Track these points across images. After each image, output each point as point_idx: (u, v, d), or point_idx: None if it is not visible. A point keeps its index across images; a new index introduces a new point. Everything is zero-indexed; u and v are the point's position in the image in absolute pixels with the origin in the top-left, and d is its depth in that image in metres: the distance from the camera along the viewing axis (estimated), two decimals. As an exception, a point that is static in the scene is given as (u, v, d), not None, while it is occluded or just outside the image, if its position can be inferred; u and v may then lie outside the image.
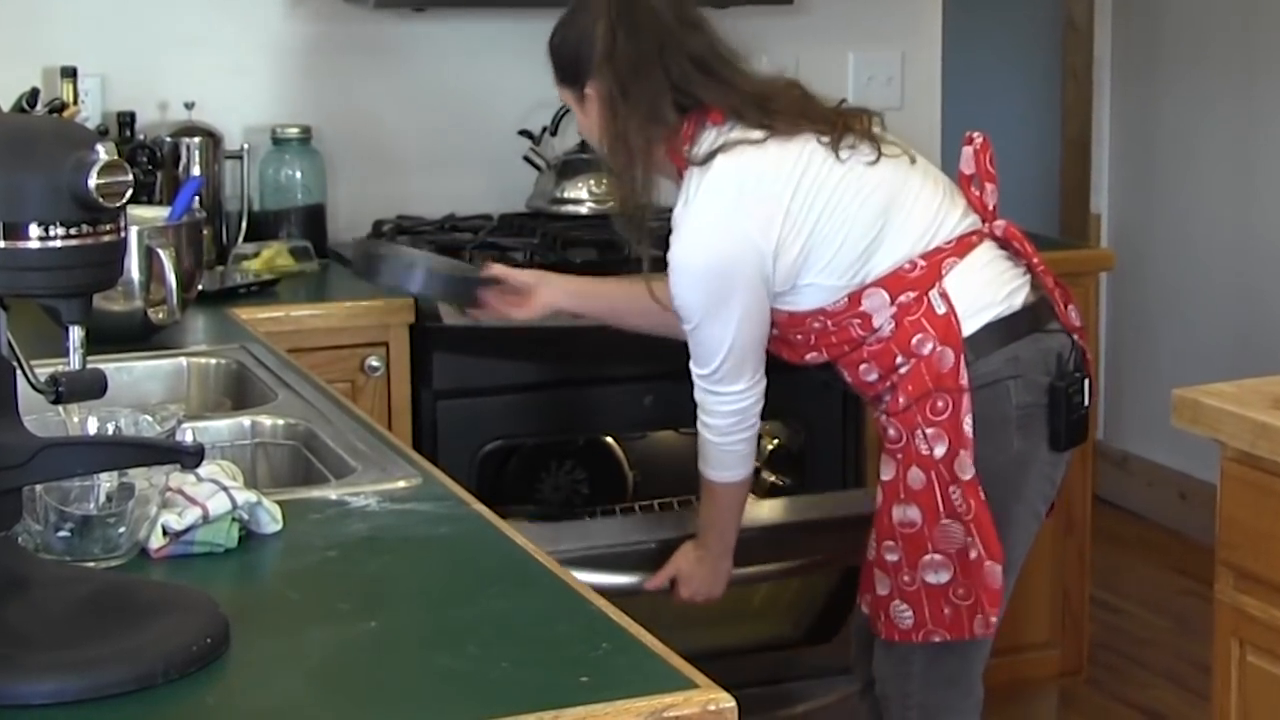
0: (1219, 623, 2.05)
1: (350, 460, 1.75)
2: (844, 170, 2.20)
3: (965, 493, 2.15)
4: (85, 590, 1.31)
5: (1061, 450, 2.23)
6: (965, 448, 2.14)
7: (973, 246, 2.22)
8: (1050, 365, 2.21)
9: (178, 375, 2.19)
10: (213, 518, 1.48)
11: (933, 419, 2.15)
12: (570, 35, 2.28)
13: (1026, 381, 2.19)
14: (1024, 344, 2.20)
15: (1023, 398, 2.19)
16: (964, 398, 2.15)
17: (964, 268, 2.20)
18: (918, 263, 2.19)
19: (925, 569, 2.19)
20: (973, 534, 2.16)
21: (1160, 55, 4.36)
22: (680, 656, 1.27)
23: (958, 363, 2.16)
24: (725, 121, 2.21)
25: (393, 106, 3.14)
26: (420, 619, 1.37)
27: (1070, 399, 2.20)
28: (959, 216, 2.25)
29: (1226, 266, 4.16)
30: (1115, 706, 3.39)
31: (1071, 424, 2.21)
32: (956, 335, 2.17)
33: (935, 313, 2.18)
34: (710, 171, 2.18)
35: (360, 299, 2.68)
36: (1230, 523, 2.02)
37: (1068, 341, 2.23)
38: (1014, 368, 2.19)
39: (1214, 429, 2.00)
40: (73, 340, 1.30)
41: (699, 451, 2.30)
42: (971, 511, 2.15)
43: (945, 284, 2.19)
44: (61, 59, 2.85)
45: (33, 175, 1.23)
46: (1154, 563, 4.10)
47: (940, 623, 2.20)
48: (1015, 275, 2.25)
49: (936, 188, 2.26)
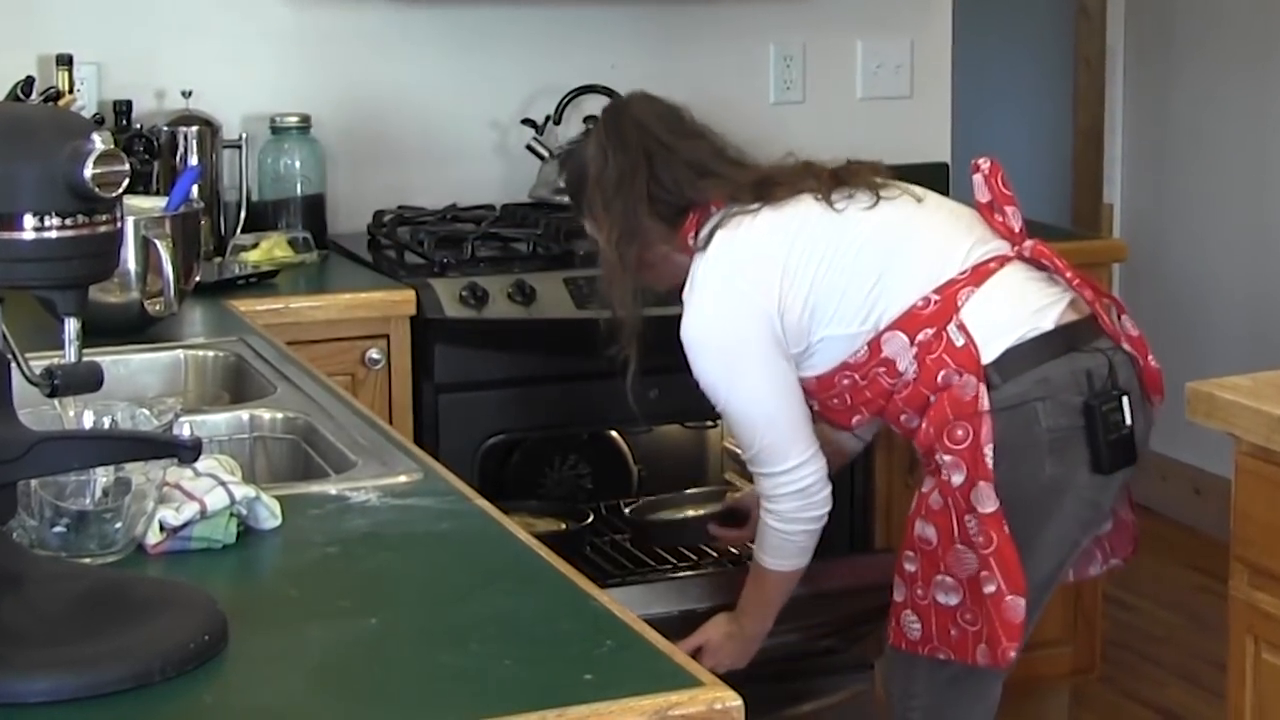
0: (1233, 619, 2.04)
1: (350, 455, 1.74)
2: (840, 220, 2.21)
3: (983, 525, 2.10)
4: (81, 587, 1.30)
5: (1106, 473, 2.15)
6: (984, 479, 2.09)
7: (991, 273, 2.18)
8: (1083, 384, 2.15)
9: (175, 368, 2.18)
10: (210, 513, 1.47)
11: (951, 447, 2.12)
12: (571, 165, 2.39)
13: (1057, 403, 2.13)
14: (1055, 364, 2.14)
15: (1055, 420, 2.13)
16: (984, 425, 2.10)
17: (982, 296, 2.16)
18: (931, 298, 2.17)
19: (937, 588, 2.16)
20: (991, 568, 2.11)
21: (1174, 43, 4.34)
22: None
23: (978, 390, 2.11)
24: (725, 205, 2.24)
25: (394, 95, 3.13)
26: (422, 616, 1.36)
27: (1107, 418, 2.13)
28: (970, 246, 2.21)
29: (1241, 257, 4.14)
30: (1128, 705, 3.38)
31: (1112, 444, 2.14)
32: (976, 363, 2.13)
33: (954, 346, 2.14)
34: (709, 249, 2.22)
35: (360, 291, 2.67)
36: (1245, 518, 2.01)
37: (1104, 360, 2.16)
38: (1043, 389, 2.13)
39: (1228, 423, 1.99)
40: (68, 332, 1.29)
41: (757, 534, 2.28)
42: (993, 545, 2.10)
43: (962, 315, 2.15)
44: (57, 46, 2.83)
45: (28, 165, 1.22)
46: (1167, 559, 4.08)
47: (946, 641, 2.18)
48: (1046, 295, 2.20)
49: (948, 221, 2.24)
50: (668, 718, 1.17)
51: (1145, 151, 4.46)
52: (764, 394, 2.19)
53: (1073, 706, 3.26)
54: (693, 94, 2.51)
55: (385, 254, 2.88)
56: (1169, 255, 4.35)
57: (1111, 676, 3.40)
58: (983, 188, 2.25)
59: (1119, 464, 2.16)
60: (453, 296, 2.64)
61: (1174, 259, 4.35)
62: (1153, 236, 4.38)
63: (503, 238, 2.88)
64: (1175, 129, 4.34)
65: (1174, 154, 4.35)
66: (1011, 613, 2.11)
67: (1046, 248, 2.23)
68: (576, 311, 2.67)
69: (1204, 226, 4.25)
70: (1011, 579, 2.10)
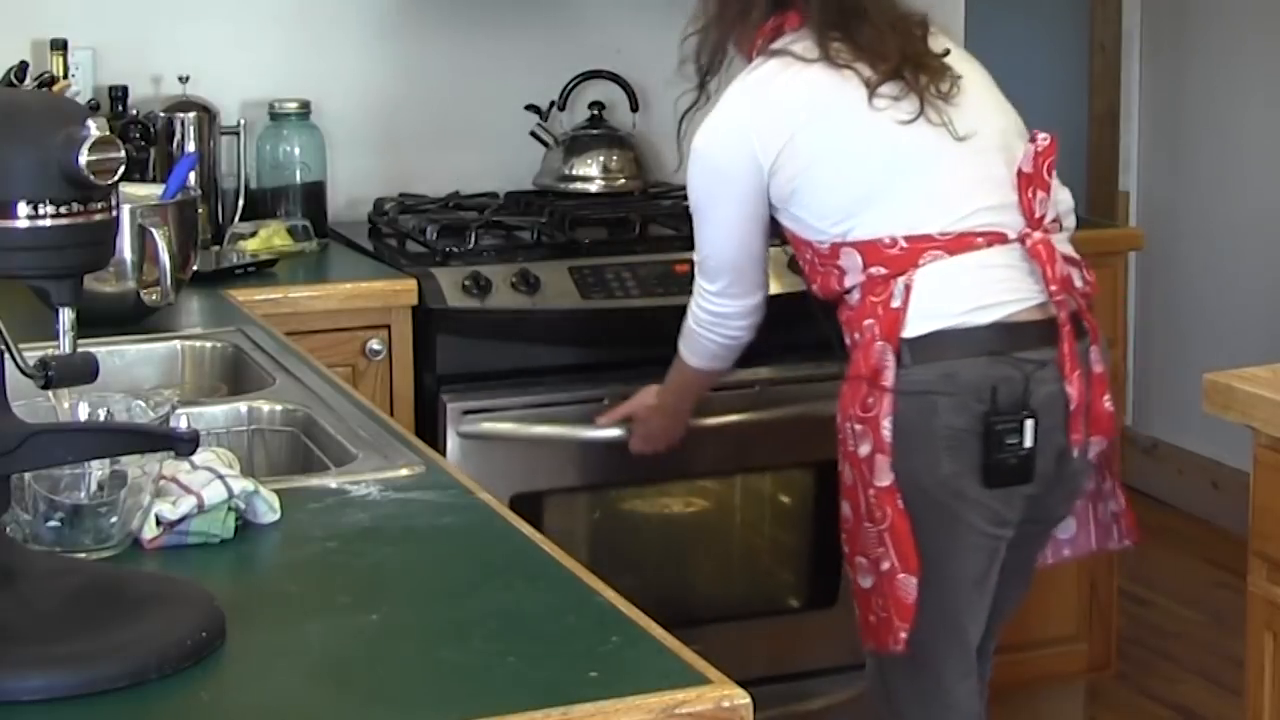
0: (1251, 615, 2.02)
1: (351, 447, 1.73)
2: (867, 121, 2.14)
3: (880, 499, 2.06)
4: (76, 582, 1.29)
5: (991, 488, 2.07)
6: (883, 452, 2.05)
7: (971, 247, 2.08)
8: (985, 395, 2.05)
9: (172, 359, 2.17)
10: (208, 507, 1.46)
11: (861, 415, 2.07)
12: None
13: (959, 403, 2.05)
14: (967, 364, 2.06)
15: (953, 419, 2.05)
16: (885, 400, 2.05)
17: (946, 266, 2.08)
18: (899, 241, 2.09)
19: (856, 570, 2.13)
20: (886, 544, 2.06)
21: (1190, 27, 4.32)
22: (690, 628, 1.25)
23: (889, 362, 2.06)
24: (798, 29, 2.20)
25: (394, 80, 3.11)
26: (423, 612, 1.35)
27: (1001, 437, 2.04)
28: (974, 210, 2.10)
29: (1260, 245, 4.11)
30: (1145, 702, 3.36)
31: (999, 463, 2.05)
32: (896, 333, 2.06)
33: (891, 302, 2.07)
34: (751, 76, 2.21)
35: (361, 280, 2.65)
36: (1264, 512, 2.00)
37: (1020, 376, 2.06)
38: (948, 385, 2.05)
39: (1247, 415, 1.98)
40: (63, 323, 1.28)
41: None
42: (887, 520, 2.05)
43: (916, 276, 2.07)
44: (51, 31, 2.82)
45: (21, 152, 1.21)
46: (1184, 553, 4.07)
47: (869, 631, 2.13)
48: (1012, 292, 2.09)
49: (971, 173, 2.14)
50: (675, 715, 1.16)
51: (1162, 138, 4.44)
52: (727, 226, 2.22)
53: (1088, 704, 3.25)
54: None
55: (386, 242, 2.87)
56: (1186, 243, 4.33)
57: (1127, 674, 3.39)
58: (1029, 160, 2.16)
59: (1008, 482, 2.07)
60: (455, 286, 2.63)
61: (1191, 247, 4.32)
62: (1169, 224, 4.36)
63: (506, 226, 2.86)
64: (1192, 114, 4.32)
65: (1191, 140, 4.33)
66: (903, 591, 2.05)
67: (1049, 249, 2.11)
68: (582, 301, 2.65)
69: (1222, 214, 4.23)
70: (905, 557, 2.05)
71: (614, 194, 3.05)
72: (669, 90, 2.41)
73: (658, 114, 3.18)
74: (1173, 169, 4.40)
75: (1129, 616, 3.60)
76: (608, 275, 2.69)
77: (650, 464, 2.56)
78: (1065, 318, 2.10)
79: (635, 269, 2.71)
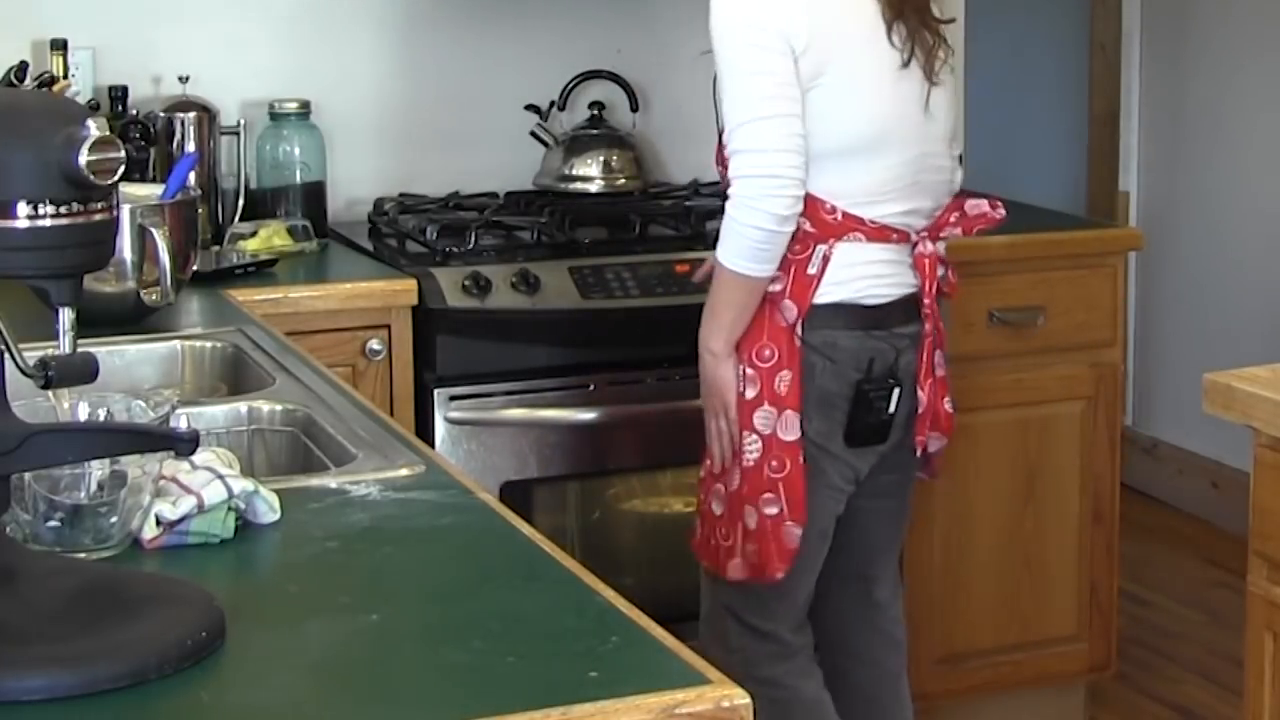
0: (1251, 616, 2.02)
1: (351, 447, 1.72)
2: (885, 52, 2.21)
3: (785, 451, 2.22)
4: (76, 582, 1.29)
5: (855, 447, 2.27)
6: (791, 408, 2.21)
7: (886, 240, 2.24)
8: (863, 364, 2.25)
9: (172, 359, 2.16)
10: (208, 507, 1.45)
11: (757, 364, 2.23)
12: None
13: (838, 370, 2.25)
14: (849, 335, 2.24)
15: (828, 384, 2.25)
16: (781, 356, 2.21)
17: (861, 249, 2.23)
18: (838, 211, 2.21)
19: (710, 495, 2.33)
20: (779, 492, 2.24)
21: (1191, 27, 4.31)
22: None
23: (793, 323, 2.22)
24: None
25: (395, 80, 3.10)
26: (423, 612, 1.35)
27: (873, 402, 2.26)
28: (904, 209, 2.25)
29: (1260, 246, 4.11)
30: (1145, 702, 3.36)
31: (869, 425, 2.27)
32: (806, 300, 2.21)
33: (808, 268, 2.21)
34: None
35: (361, 280, 2.65)
36: (1264, 512, 1.99)
37: (891, 349, 2.26)
38: (830, 352, 2.24)
39: (1247, 415, 1.98)
40: (63, 323, 1.27)
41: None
42: (785, 469, 2.23)
43: (836, 249, 2.21)
44: (51, 31, 2.82)
45: (21, 152, 1.21)
46: (1185, 553, 4.07)
47: (706, 551, 2.35)
48: (897, 283, 2.27)
49: (911, 169, 2.25)
50: (675, 716, 1.15)
51: (1162, 138, 4.43)
52: (759, 79, 2.15)
53: (1088, 704, 3.24)
54: (700, 80, 2.48)
55: (386, 242, 2.87)
56: (1186, 243, 4.33)
57: (1127, 674, 3.39)
58: (976, 204, 2.30)
59: (869, 442, 2.29)
60: (455, 286, 2.63)
61: (1191, 247, 4.32)
62: (1169, 224, 4.36)
63: (506, 226, 2.86)
64: (1192, 114, 4.32)
65: (1191, 140, 4.33)
66: (788, 537, 2.24)
67: (933, 262, 2.27)
68: (582, 301, 2.65)
69: (1222, 214, 4.23)
70: (795, 506, 2.23)
71: (614, 194, 3.05)
72: (669, 90, 2.41)
73: (658, 114, 3.18)
74: (1173, 169, 4.40)
75: (1129, 617, 3.59)
76: (608, 275, 2.69)
77: (642, 451, 2.56)
78: (932, 328, 2.30)
79: (635, 269, 2.71)
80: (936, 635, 3.01)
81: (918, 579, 2.98)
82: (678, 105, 3.16)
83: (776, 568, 2.25)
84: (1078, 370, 3.06)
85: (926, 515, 2.97)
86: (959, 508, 3.01)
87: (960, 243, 2.98)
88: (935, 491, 2.96)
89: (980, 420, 2.97)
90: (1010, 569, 3.05)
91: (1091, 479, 3.07)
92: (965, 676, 3.05)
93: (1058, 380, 3.05)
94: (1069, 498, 3.07)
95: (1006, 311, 3.00)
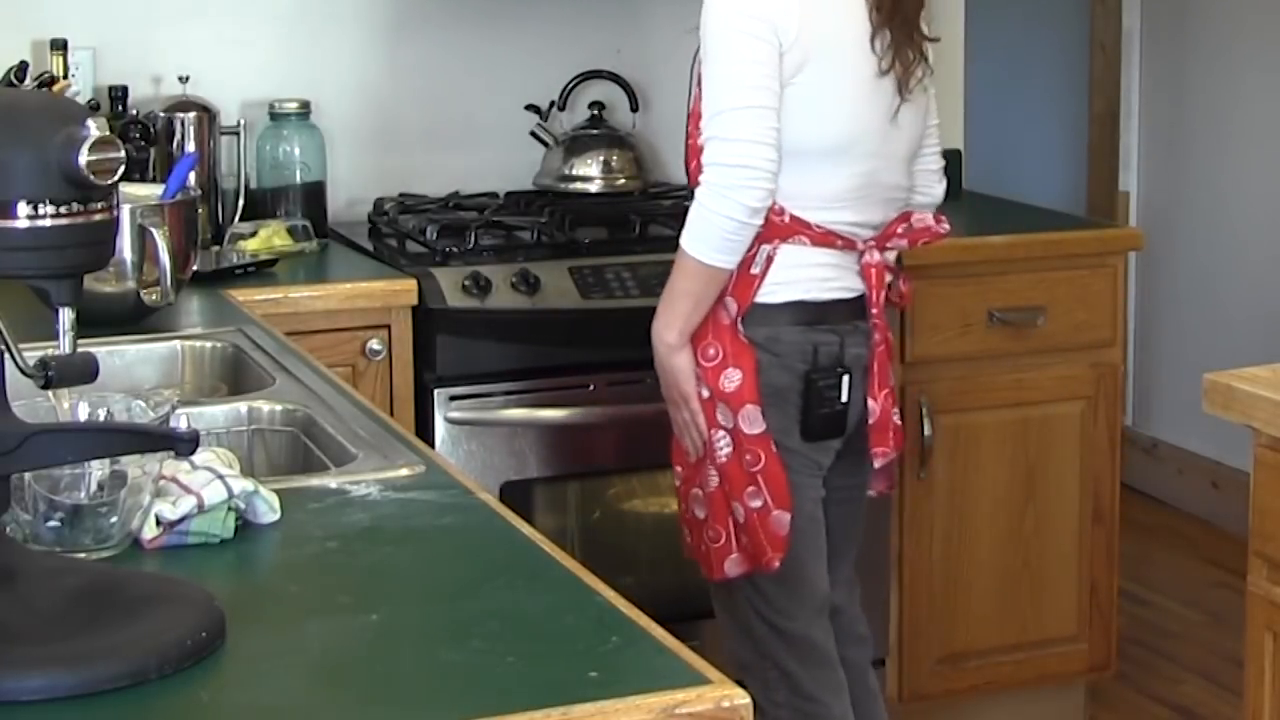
0: (1251, 616, 2.02)
1: (351, 447, 1.72)
2: (866, 59, 2.21)
3: (754, 445, 2.22)
4: (76, 582, 1.29)
5: (812, 440, 2.27)
6: (751, 401, 2.21)
7: (829, 244, 2.24)
8: (809, 355, 2.25)
9: (172, 359, 2.16)
10: (208, 507, 1.45)
11: (702, 363, 2.23)
12: None
13: (783, 364, 2.25)
14: (790, 329, 2.24)
15: (774, 378, 2.24)
16: (726, 354, 2.22)
17: (805, 252, 2.23)
18: (786, 213, 2.22)
19: (690, 501, 2.32)
20: (759, 484, 2.24)
21: (1191, 26, 4.31)
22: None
23: (733, 320, 2.22)
24: None
25: (394, 80, 3.10)
26: (423, 612, 1.34)
27: (823, 392, 2.26)
28: (854, 220, 2.25)
29: (1261, 246, 4.11)
30: (1145, 702, 3.36)
31: (823, 416, 2.26)
32: (747, 299, 2.22)
33: (751, 267, 2.21)
34: None
35: (361, 280, 2.65)
36: (1264, 512, 1.99)
37: (836, 339, 2.26)
38: (773, 346, 2.24)
39: (1247, 415, 1.97)
40: (63, 323, 1.27)
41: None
42: (760, 463, 2.22)
43: (780, 251, 2.22)
44: (51, 31, 2.82)
45: (21, 152, 1.21)
46: (1185, 553, 4.06)
47: (699, 557, 2.34)
48: (841, 287, 2.26)
49: (867, 179, 2.25)
50: (675, 715, 1.15)
51: (1162, 137, 4.43)
52: (746, 67, 2.15)
53: (1088, 704, 3.24)
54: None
55: (386, 242, 2.87)
56: (1186, 243, 4.33)
57: (1127, 674, 3.38)
58: (925, 217, 2.32)
59: (827, 434, 2.28)
60: (455, 286, 2.62)
61: (1191, 247, 4.32)
62: (1170, 224, 4.35)
63: (506, 226, 2.86)
64: (1192, 114, 4.31)
65: (1191, 140, 4.32)
66: (776, 526, 2.25)
67: (880, 272, 2.27)
68: (582, 301, 2.65)
69: (1222, 214, 4.22)
70: (778, 496, 2.24)
71: (614, 194, 3.05)
72: (669, 90, 2.41)
73: (658, 114, 3.18)
74: (1173, 169, 4.40)
75: (1129, 617, 3.59)
76: (608, 275, 2.69)
77: (642, 451, 2.57)
78: (880, 339, 2.30)
79: (635, 269, 2.71)
80: (936, 635, 3.01)
81: (918, 579, 2.98)
82: (678, 105, 3.15)
83: (772, 556, 2.25)
84: (1078, 370, 3.06)
85: (926, 515, 2.97)
86: (959, 508, 3.00)
87: (960, 243, 2.99)
88: (935, 491, 2.96)
89: (980, 420, 2.97)
90: (1010, 569, 3.04)
91: (1091, 479, 3.07)
92: (965, 676, 3.05)
93: (1058, 380, 3.05)
94: (1069, 498, 3.07)
95: (1006, 311, 3.00)
